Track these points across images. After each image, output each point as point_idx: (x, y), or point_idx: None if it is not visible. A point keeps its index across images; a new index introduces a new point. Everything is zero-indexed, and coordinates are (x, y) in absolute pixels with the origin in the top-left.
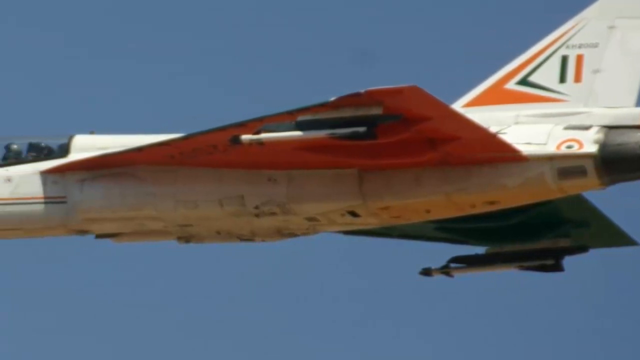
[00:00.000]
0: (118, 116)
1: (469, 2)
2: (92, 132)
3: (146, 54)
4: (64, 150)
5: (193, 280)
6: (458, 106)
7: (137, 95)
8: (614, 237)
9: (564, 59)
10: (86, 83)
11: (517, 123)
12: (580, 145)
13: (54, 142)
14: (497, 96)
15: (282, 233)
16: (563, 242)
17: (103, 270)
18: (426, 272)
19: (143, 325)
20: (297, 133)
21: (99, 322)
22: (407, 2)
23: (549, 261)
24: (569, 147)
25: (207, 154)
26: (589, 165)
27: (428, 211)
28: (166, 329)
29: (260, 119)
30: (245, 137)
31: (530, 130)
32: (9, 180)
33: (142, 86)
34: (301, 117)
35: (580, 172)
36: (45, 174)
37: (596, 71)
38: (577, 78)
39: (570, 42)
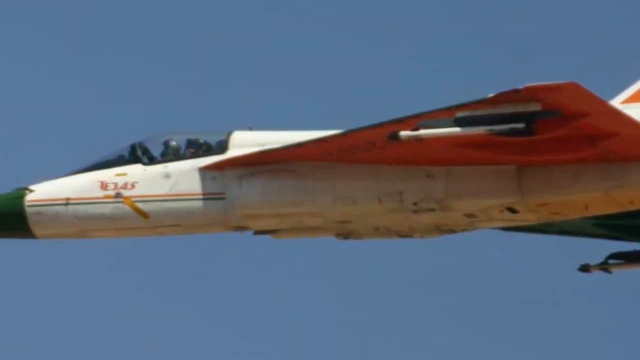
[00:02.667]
0: (277, 112)
1: None
2: (250, 129)
3: (303, 51)
4: (223, 147)
5: (349, 276)
6: (616, 103)
7: (295, 92)
8: None
9: None
10: (245, 79)
11: None
12: None
13: (212, 139)
14: None
15: (440, 229)
16: None
17: (262, 266)
18: (585, 268)
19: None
20: (455, 129)
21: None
22: None
23: None
24: None
25: (365, 151)
26: None
27: (586, 207)
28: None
29: (418, 115)
30: (404, 133)
31: None
32: (167, 176)
33: (300, 82)
34: (460, 114)
35: None
36: (204, 170)
37: None
38: None
39: None
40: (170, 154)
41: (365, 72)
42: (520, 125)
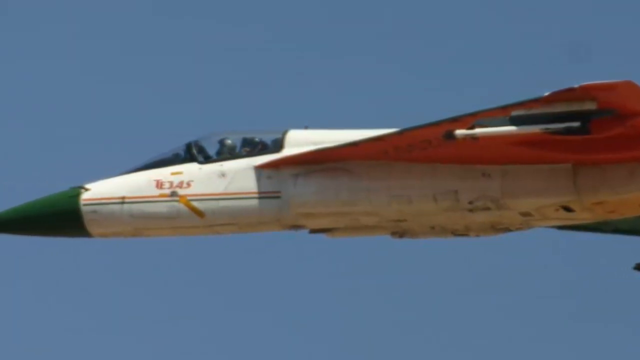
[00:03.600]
0: (332, 111)
1: None
2: (306, 127)
3: (357, 50)
4: (278, 145)
5: (402, 274)
6: None
7: (350, 90)
8: None
9: None
10: (300, 78)
11: None
12: None
13: (268, 137)
14: None
15: (496, 228)
16: None
17: (317, 264)
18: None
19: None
20: (511, 128)
21: (318, 317)
22: None
23: None
24: None
25: (421, 149)
26: None
27: None
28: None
29: (474, 114)
30: (460, 132)
31: None
32: (223, 175)
33: (355, 81)
34: (515, 112)
35: None
36: (259, 169)
37: None
38: None
39: None
40: (226, 153)
41: (421, 71)
42: (576, 124)
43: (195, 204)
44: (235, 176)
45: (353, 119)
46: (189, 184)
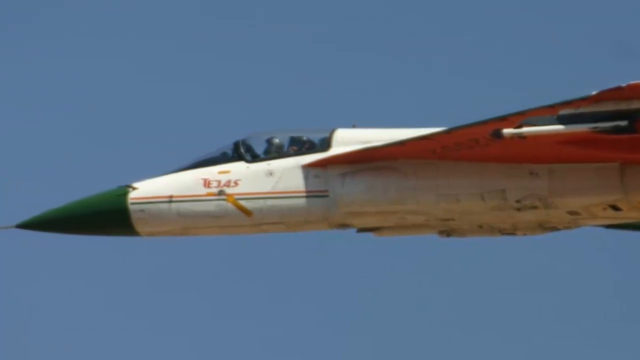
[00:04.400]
0: (380, 110)
1: None
2: (353, 126)
3: (405, 48)
4: (326, 144)
5: (451, 274)
6: None
7: (398, 89)
8: None
9: None
10: (348, 77)
11: None
12: None
13: (315, 136)
14: None
15: (543, 227)
16: None
17: (365, 263)
18: None
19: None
20: (558, 127)
21: (360, 316)
22: None
23: None
24: None
25: (468, 148)
26: None
27: None
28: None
29: (521, 113)
30: (507, 130)
31: None
32: (270, 174)
33: (402, 79)
34: (563, 111)
35: None
36: (307, 167)
37: None
38: None
39: None
40: (274, 152)
41: (468, 70)
42: (623, 123)
43: (242, 202)
44: (283, 175)
45: (401, 118)
46: (236, 183)
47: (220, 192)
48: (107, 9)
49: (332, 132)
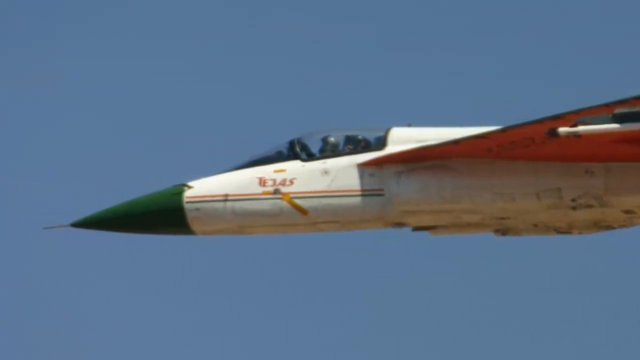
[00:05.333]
0: (435, 108)
1: None
2: (409, 125)
3: (461, 47)
4: (381, 143)
5: (504, 272)
6: None
7: (453, 88)
8: None
9: None
10: (403, 76)
11: None
12: None
13: (371, 135)
14: None
15: (598, 226)
16: None
17: (421, 263)
18: None
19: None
20: (614, 126)
21: (417, 315)
22: None
23: None
24: None
25: (524, 147)
26: None
27: None
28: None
29: (577, 112)
30: (563, 129)
31: None
32: (326, 172)
33: (457, 78)
34: (618, 110)
35: None
36: (362, 166)
37: None
38: None
39: None
40: (329, 150)
41: (524, 68)
42: None
43: (298, 201)
44: (338, 174)
45: (456, 117)
46: (292, 182)
47: (276, 191)
48: (155, 9)
49: (387, 130)
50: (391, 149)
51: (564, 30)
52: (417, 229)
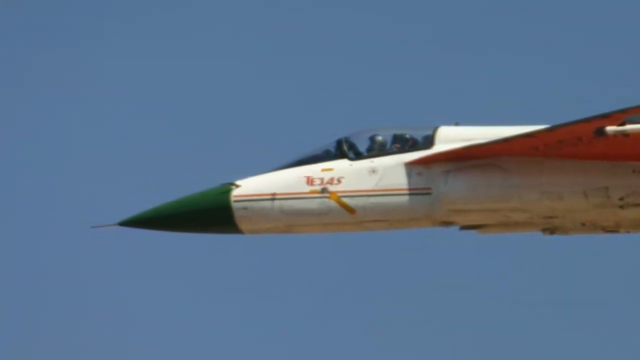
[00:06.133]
0: (482, 107)
1: None
2: (457, 124)
3: (507, 46)
4: (429, 142)
5: (553, 272)
6: None
7: (500, 87)
8: None
9: None
10: (451, 75)
11: None
12: None
13: (418, 134)
14: None
15: None
16: None
17: (469, 261)
18: None
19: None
20: None
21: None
22: None
23: None
24: None
25: (572, 146)
26: None
27: None
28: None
29: (624, 111)
30: (610, 128)
31: None
32: (373, 171)
33: (505, 77)
34: None
35: None
36: (409, 165)
37: None
38: None
39: None
40: (376, 149)
41: (571, 67)
42: None
43: (346, 200)
44: (386, 172)
45: (503, 116)
46: (339, 181)
47: (324, 190)
48: (207, 9)
49: (435, 129)
50: (439, 147)
51: (614, 30)
52: (464, 227)
